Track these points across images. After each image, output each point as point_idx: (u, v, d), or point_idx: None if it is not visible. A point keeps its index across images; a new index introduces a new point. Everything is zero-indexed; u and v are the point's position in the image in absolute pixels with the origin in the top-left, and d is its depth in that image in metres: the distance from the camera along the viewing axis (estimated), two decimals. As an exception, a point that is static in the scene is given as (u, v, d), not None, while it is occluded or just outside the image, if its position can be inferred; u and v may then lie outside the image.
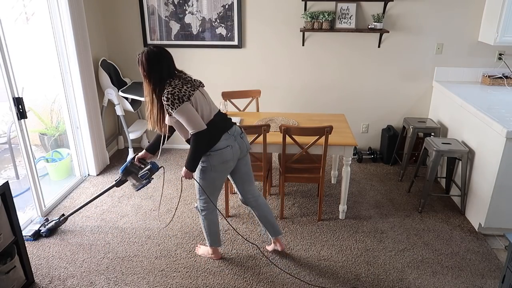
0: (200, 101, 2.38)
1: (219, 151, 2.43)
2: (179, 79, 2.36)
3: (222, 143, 2.43)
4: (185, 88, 2.31)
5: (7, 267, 2.42)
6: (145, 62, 2.31)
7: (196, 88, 2.39)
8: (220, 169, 2.49)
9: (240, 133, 2.57)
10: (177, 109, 2.27)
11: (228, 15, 4.13)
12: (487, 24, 3.82)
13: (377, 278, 2.71)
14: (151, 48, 2.34)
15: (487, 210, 3.07)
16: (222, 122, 2.49)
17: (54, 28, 3.57)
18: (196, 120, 2.31)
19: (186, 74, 2.47)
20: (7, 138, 4.04)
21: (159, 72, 2.32)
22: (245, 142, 2.60)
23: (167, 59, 2.36)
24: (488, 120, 3.04)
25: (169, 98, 2.26)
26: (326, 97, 4.39)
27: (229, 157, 2.47)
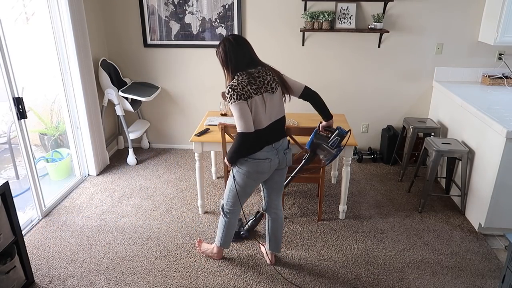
0: (257, 107, 2.29)
1: (257, 161, 2.39)
2: (248, 76, 2.29)
3: (262, 154, 2.38)
4: (247, 88, 2.26)
5: (7, 267, 2.42)
6: (222, 52, 2.33)
7: (260, 92, 2.29)
8: (253, 177, 2.45)
9: (285, 149, 2.50)
10: (233, 104, 2.24)
11: (228, 15, 4.13)
12: (487, 24, 3.82)
13: (377, 278, 2.71)
14: (228, 38, 2.32)
15: (487, 210, 3.07)
16: (271, 134, 2.41)
17: (54, 28, 3.57)
18: (246, 121, 2.25)
19: (266, 69, 2.37)
20: (7, 138, 4.04)
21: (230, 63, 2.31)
22: (287, 158, 2.52)
23: (241, 51, 2.32)
24: (488, 120, 3.04)
25: (229, 92, 2.25)
26: (326, 97, 4.36)
27: (265, 169, 2.43)
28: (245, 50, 2.33)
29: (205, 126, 3.38)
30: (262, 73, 2.33)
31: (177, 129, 4.73)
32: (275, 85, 2.35)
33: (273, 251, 2.83)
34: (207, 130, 3.28)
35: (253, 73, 2.30)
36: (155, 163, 4.40)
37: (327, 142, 2.51)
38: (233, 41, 2.31)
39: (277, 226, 2.74)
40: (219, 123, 2.98)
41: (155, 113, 4.67)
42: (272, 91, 2.34)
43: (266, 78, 2.33)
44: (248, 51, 2.35)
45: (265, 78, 2.32)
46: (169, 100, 4.58)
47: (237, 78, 2.29)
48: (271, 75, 2.36)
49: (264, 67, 2.38)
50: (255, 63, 2.36)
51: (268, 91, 2.33)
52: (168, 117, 4.67)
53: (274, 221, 2.73)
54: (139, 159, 4.46)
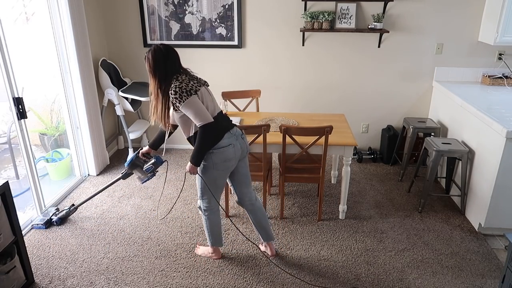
0: (206, 97, 2.42)
1: (221, 149, 2.45)
2: (185, 75, 2.41)
3: (225, 141, 2.45)
4: (192, 83, 2.37)
5: (7, 267, 2.42)
6: (151, 59, 2.37)
7: (201, 84, 2.44)
8: (221, 167, 2.50)
9: (241, 134, 2.58)
10: (185, 102, 2.30)
11: (228, 15, 4.13)
12: (487, 24, 3.82)
13: (377, 278, 2.71)
14: (158, 46, 2.39)
15: (487, 210, 3.07)
16: (224, 122, 2.52)
17: (54, 28, 3.57)
18: (204, 112, 2.33)
19: (192, 72, 2.51)
20: (7, 138, 4.04)
21: (165, 69, 2.37)
22: (246, 143, 2.61)
23: (173, 57, 2.41)
24: (488, 120, 3.04)
25: (177, 92, 2.30)
26: (326, 97, 4.39)
27: (231, 155, 2.49)
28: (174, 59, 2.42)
29: (205, 126, 3.38)
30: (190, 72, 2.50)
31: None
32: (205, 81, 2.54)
33: (268, 240, 2.86)
34: (207, 130, 3.28)
35: (188, 73, 2.46)
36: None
37: (143, 166, 2.81)
38: (163, 49, 2.39)
39: (259, 216, 2.79)
40: (219, 123, 2.98)
41: (155, 113, 4.66)
42: (207, 84, 2.53)
43: (196, 75, 2.50)
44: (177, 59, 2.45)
45: (196, 75, 2.50)
46: (169, 100, 4.57)
47: (177, 78, 2.37)
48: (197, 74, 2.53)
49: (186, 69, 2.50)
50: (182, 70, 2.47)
51: (205, 84, 2.50)
52: (168, 117, 4.66)
53: (253, 212, 2.79)
54: (139, 159, 4.45)
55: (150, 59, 2.37)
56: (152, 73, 2.40)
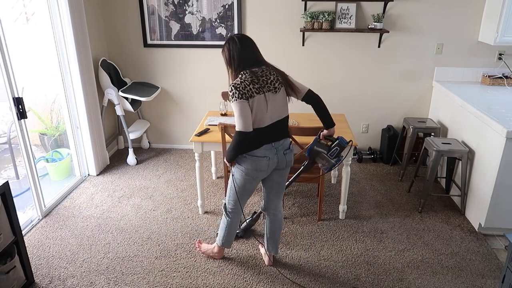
0: (259, 106, 2.30)
1: (255, 158, 2.40)
2: (252, 75, 2.30)
3: (261, 151, 2.39)
4: (250, 87, 2.27)
5: (7, 267, 2.42)
6: (227, 52, 2.36)
7: (262, 91, 2.30)
8: (251, 174, 2.46)
9: (286, 149, 2.48)
10: (235, 102, 2.26)
11: (228, 15, 4.13)
12: (487, 24, 3.82)
13: (377, 278, 2.71)
14: (233, 38, 2.35)
15: (487, 210, 3.07)
16: (272, 133, 2.40)
17: (54, 28, 3.57)
18: (246, 120, 2.27)
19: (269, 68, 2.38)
20: (7, 138, 4.04)
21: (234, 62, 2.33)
22: (287, 159, 2.50)
23: (245, 50, 2.33)
24: (488, 120, 3.04)
25: (232, 90, 2.27)
26: (326, 97, 4.37)
27: (263, 167, 2.43)
28: (249, 50, 2.34)
29: (205, 126, 3.38)
30: (265, 72, 2.34)
31: (177, 129, 4.73)
32: (278, 85, 2.35)
33: (270, 252, 2.82)
34: (207, 130, 3.28)
35: (256, 72, 2.32)
36: (155, 163, 4.40)
37: (326, 151, 2.50)
38: (237, 40, 2.33)
39: (275, 228, 2.74)
40: (219, 123, 2.98)
41: (155, 113, 4.67)
42: (275, 90, 2.34)
43: (270, 77, 2.33)
44: (253, 50, 2.36)
45: (269, 78, 2.33)
46: (169, 100, 4.58)
47: (241, 76, 2.30)
48: (274, 74, 2.36)
49: (268, 66, 2.38)
50: (259, 63, 2.37)
51: (271, 91, 2.33)
52: (168, 117, 4.67)
53: (272, 222, 2.73)
54: (139, 159, 4.46)
55: (226, 51, 2.36)
56: (228, 66, 2.38)
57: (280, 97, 2.38)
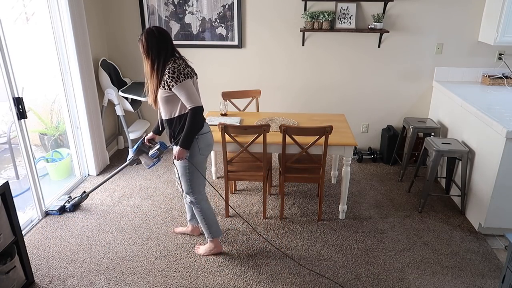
0: (196, 86, 2.58)
1: (205, 134, 2.62)
2: (182, 60, 2.53)
3: (206, 127, 2.64)
4: (188, 69, 2.51)
5: (7, 267, 2.42)
6: (145, 40, 2.45)
7: (194, 74, 2.59)
8: (205, 152, 2.66)
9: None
10: (181, 83, 2.42)
11: (228, 15, 4.13)
12: (487, 24, 3.82)
13: (377, 278, 2.71)
14: (150, 28, 2.47)
15: (487, 210, 3.07)
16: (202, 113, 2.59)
17: (54, 28, 3.57)
18: (196, 96, 2.47)
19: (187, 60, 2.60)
20: (7, 138, 4.04)
21: (158, 50, 2.45)
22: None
23: (166, 39, 2.48)
24: (488, 120, 3.04)
25: (175, 72, 2.42)
26: (326, 97, 4.39)
27: (211, 140, 2.68)
28: (167, 41, 2.49)
29: (205, 126, 3.38)
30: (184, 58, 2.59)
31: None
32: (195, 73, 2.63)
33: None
34: (207, 130, 3.28)
35: (183, 58, 2.57)
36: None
37: (148, 152, 2.93)
38: (156, 32, 2.45)
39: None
40: (219, 123, 2.98)
41: (155, 113, 4.66)
42: (196, 76, 2.62)
43: (189, 66, 2.58)
44: (171, 42, 2.51)
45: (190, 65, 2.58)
46: (169, 100, 4.57)
47: (174, 61, 2.47)
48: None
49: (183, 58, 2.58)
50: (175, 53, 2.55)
51: (195, 76, 2.61)
52: (168, 117, 4.67)
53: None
54: (139, 159, 4.46)
55: (143, 40, 2.46)
56: (146, 54, 2.48)
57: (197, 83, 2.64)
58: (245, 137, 3.10)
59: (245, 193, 3.77)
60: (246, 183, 3.94)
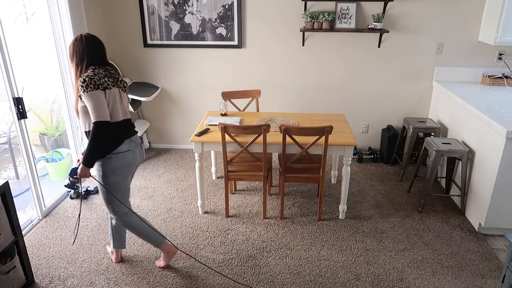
0: (114, 99, 2.39)
1: (121, 154, 2.42)
2: (105, 71, 2.39)
3: (124, 146, 2.43)
4: (105, 80, 2.35)
5: (7, 267, 2.42)
6: (75, 44, 2.36)
7: (116, 86, 2.42)
8: (122, 172, 2.47)
9: (140, 143, 2.61)
10: (89, 93, 2.25)
11: (228, 15, 4.13)
12: (487, 24, 3.82)
13: (377, 278, 2.71)
14: (81, 34, 2.38)
15: (487, 210, 3.07)
16: (127, 128, 2.50)
17: (54, 28, 3.57)
18: (102, 110, 2.28)
19: (116, 71, 2.49)
20: (7, 138, 4.04)
21: (81, 57, 2.35)
22: (143, 152, 2.64)
23: (97, 48, 2.40)
24: (488, 120, 3.04)
25: (86, 81, 2.26)
26: (326, 97, 4.39)
27: (131, 160, 2.49)
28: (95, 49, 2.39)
29: (205, 126, 3.38)
30: (114, 71, 2.46)
31: (177, 129, 4.73)
32: (124, 85, 2.50)
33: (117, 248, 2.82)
34: (207, 130, 3.28)
35: (109, 69, 2.43)
36: (155, 163, 4.40)
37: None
38: (84, 39, 2.36)
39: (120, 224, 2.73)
40: (219, 123, 2.98)
41: (155, 113, 4.67)
42: (123, 89, 2.50)
43: (119, 77, 2.48)
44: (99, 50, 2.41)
45: (118, 77, 2.47)
46: (169, 100, 4.58)
47: (93, 70, 2.34)
48: (121, 77, 2.50)
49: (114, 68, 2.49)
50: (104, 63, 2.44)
51: (121, 87, 2.47)
52: (168, 117, 4.67)
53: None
54: (139, 159, 4.46)
55: (70, 45, 2.38)
56: (70, 59, 2.41)
57: (126, 98, 2.54)
58: (245, 137, 3.10)
59: (245, 193, 3.77)
60: (246, 183, 3.95)
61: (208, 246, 3.02)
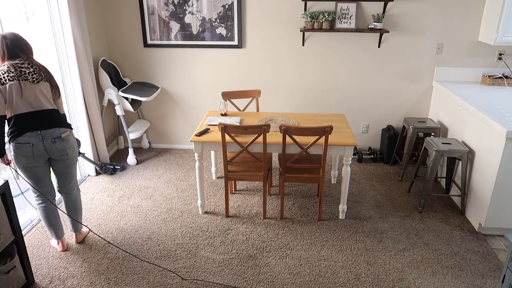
0: (15, 93, 2.46)
1: (18, 145, 2.54)
2: (13, 66, 2.47)
3: (24, 138, 2.53)
4: (6, 75, 2.44)
5: (7, 267, 2.42)
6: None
7: (20, 79, 2.47)
8: (22, 161, 2.58)
9: (55, 137, 2.62)
10: None
11: (228, 15, 4.13)
12: (487, 24, 3.82)
13: (377, 278, 2.71)
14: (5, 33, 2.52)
15: (487, 210, 3.07)
16: (37, 121, 2.55)
17: (54, 28, 3.57)
18: None
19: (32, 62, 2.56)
20: (7, 138, 4.04)
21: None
22: (57, 147, 2.64)
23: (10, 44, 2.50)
24: (488, 120, 3.04)
25: None
26: (326, 97, 4.39)
27: (27, 153, 2.56)
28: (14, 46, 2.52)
29: (205, 126, 3.38)
30: (25, 64, 2.53)
31: (177, 129, 4.73)
32: (37, 77, 2.55)
33: (75, 231, 3.04)
34: (207, 130, 3.28)
35: (16, 64, 2.50)
36: (155, 163, 4.40)
37: None
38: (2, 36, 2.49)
39: (71, 208, 2.96)
40: (219, 123, 2.98)
41: (155, 113, 4.67)
42: (32, 80, 2.53)
43: (29, 69, 2.53)
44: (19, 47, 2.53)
45: (28, 69, 2.52)
46: (169, 100, 4.58)
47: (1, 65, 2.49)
48: (36, 68, 2.57)
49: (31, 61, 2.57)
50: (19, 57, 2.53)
51: (28, 80, 2.51)
52: (168, 117, 4.67)
53: (66, 203, 2.95)
54: (139, 159, 4.46)
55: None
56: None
57: (40, 89, 2.56)
58: (245, 137, 3.10)
59: (245, 193, 3.77)
60: (246, 183, 3.95)
61: (208, 246, 3.02)
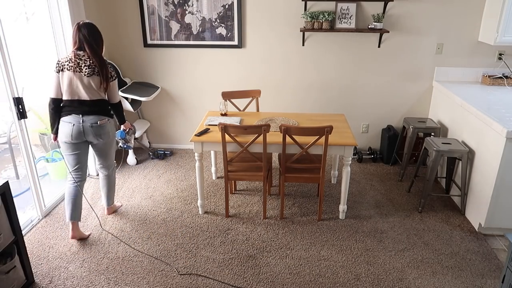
0: (68, 81, 2.78)
1: (63, 122, 2.87)
2: (75, 55, 2.78)
3: (68, 118, 2.85)
4: (66, 63, 2.77)
5: (7, 267, 2.42)
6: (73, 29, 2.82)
7: (74, 70, 2.77)
8: (62, 138, 2.90)
9: (93, 123, 2.88)
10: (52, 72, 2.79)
11: (228, 15, 4.13)
12: (487, 24, 3.82)
13: (377, 278, 2.71)
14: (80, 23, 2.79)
15: (487, 210, 3.07)
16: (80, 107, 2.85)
17: (54, 28, 3.57)
18: (52, 87, 2.80)
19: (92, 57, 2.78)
20: (7, 138, 4.04)
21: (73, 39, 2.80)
22: (93, 132, 2.91)
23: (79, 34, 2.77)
24: (488, 120, 3.04)
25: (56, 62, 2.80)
26: (326, 97, 4.39)
27: (67, 131, 2.86)
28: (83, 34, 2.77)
29: (205, 126, 3.38)
30: (85, 57, 2.79)
31: (177, 129, 4.73)
32: (90, 71, 2.79)
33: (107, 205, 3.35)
34: (207, 130, 3.28)
35: (78, 55, 2.79)
36: (155, 163, 4.40)
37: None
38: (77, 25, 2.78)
39: (103, 183, 3.27)
40: (219, 123, 2.98)
41: (155, 113, 4.67)
42: (85, 74, 2.79)
43: (86, 62, 2.79)
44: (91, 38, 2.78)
45: (85, 62, 2.79)
46: (169, 100, 4.58)
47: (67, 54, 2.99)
48: (94, 63, 2.80)
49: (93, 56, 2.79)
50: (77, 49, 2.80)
51: (82, 72, 2.78)
52: (168, 117, 4.67)
53: (101, 179, 3.26)
54: (139, 159, 4.46)
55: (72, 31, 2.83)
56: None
57: (90, 82, 2.82)
58: (245, 137, 3.10)
59: (245, 193, 3.77)
60: (246, 183, 3.95)
61: (208, 246, 3.02)
